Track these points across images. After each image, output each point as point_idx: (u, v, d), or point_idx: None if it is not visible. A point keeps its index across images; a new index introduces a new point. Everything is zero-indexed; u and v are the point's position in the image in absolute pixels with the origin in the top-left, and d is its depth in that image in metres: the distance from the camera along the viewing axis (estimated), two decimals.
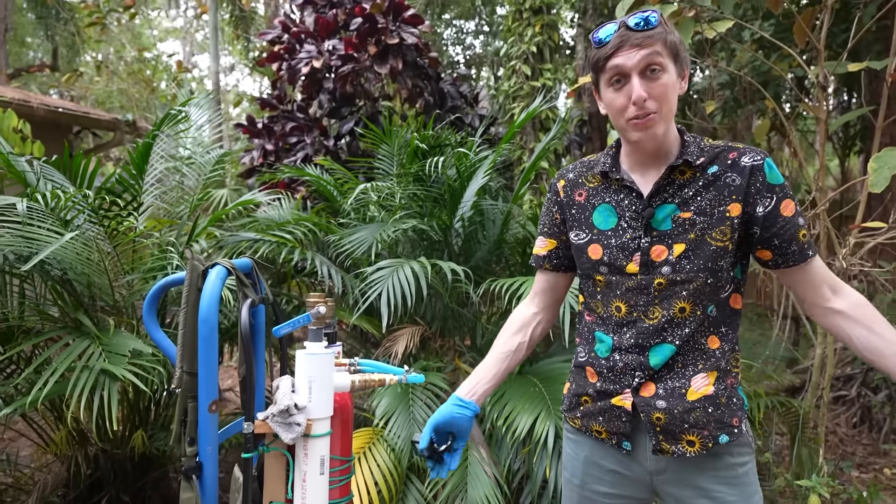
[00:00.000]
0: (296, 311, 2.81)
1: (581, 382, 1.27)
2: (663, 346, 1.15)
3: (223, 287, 1.31)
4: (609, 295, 1.20)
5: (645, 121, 1.09)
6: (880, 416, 3.65)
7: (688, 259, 1.12)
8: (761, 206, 1.11)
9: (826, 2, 3.02)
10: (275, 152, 5.08)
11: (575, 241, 1.25)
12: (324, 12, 5.23)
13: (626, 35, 1.08)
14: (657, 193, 1.15)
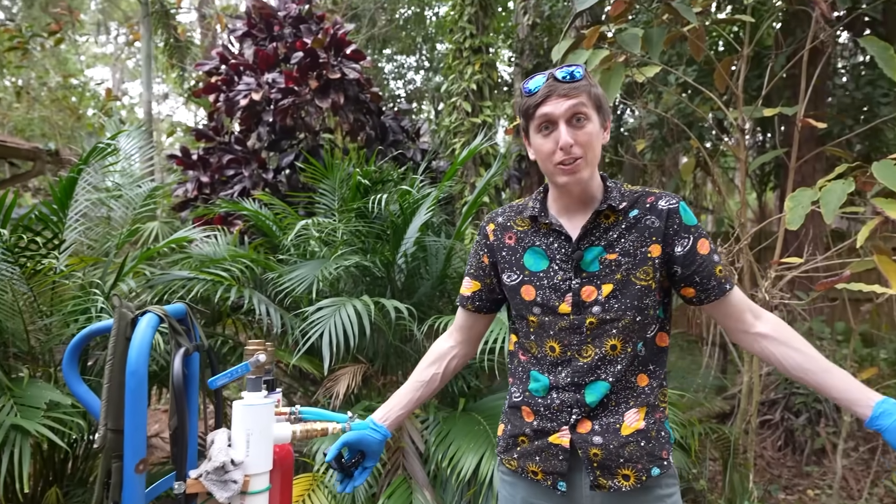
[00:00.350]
0: (231, 352, 2.69)
1: (517, 423, 1.28)
2: (598, 384, 1.19)
3: (154, 335, 1.24)
4: (542, 335, 1.23)
5: (572, 166, 1.15)
6: (802, 438, 3.85)
7: (616, 298, 1.17)
8: (679, 247, 1.18)
9: (742, 52, 3.27)
10: (210, 185, 4.93)
11: (508, 283, 1.27)
12: (264, 45, 5.18)
13: (554, 86, 1.14)
14: (585, 237, 1.20)
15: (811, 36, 3.12)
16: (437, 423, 2.40)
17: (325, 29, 4.67)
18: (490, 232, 1.32)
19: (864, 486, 3.23)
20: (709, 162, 3.89)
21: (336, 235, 2.85)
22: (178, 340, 1.30)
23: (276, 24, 5.31)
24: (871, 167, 2.31)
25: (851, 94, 4.72)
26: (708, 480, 3.18)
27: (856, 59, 5.44)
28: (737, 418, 3.48)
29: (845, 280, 2.27)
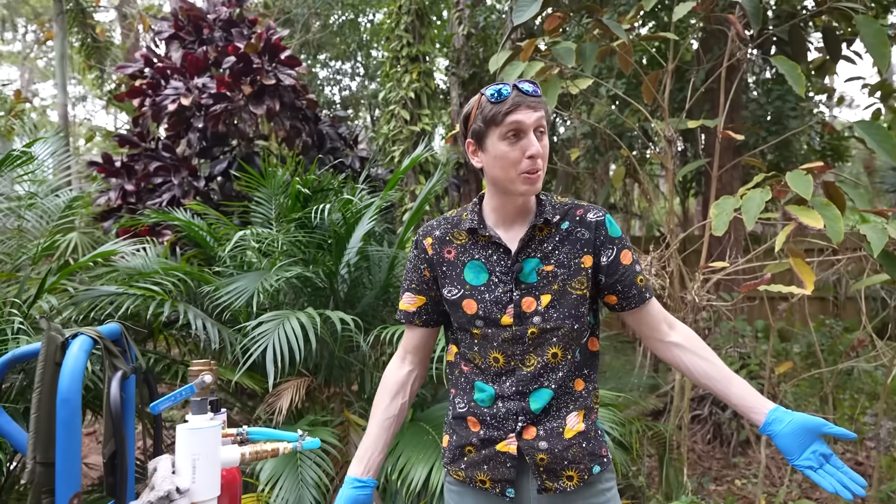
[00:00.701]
0: (165, 370, 2.55)
1: (463, 433, 1.29)
2: (541, 391, 1.22)
3: (87, 360, 1.16)
4: (486, 347, 1.24)
5: (535, 176, 1.18)
6: (729, 431, 4.08)
7: (554, 308, 1.21)
8: (605, 257, 1.25)
9: (667, 67, 3.45)
10: (136, 193, 4.67)
11: (448, 297, 1.27)
12: (192, 49, 4.99)
13: (522, 97, 1.16)
14: (523, 249, 1.24)
15: (728, 53, 3.34)
16: None
17: (259, 34, 4.55)
18: (428, 246, 1.31)
19: (785, 474, 3.46)
20: (639, 170, 4.07)
21: (275, 246, 2.77)
22: (115, 363, 1.23)
23: (206, 28, 5.12)
24: (786, 177, 2.50)
25: (763, 107, 5.09)
26: (646, 476, 3.31)
27: (764, 76, 5.86)
28: (670, 415, 3.65)
29: (766, 282, 2.43)
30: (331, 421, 2.52)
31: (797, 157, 5.33)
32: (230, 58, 4.47)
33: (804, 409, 4.26)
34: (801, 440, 1.09)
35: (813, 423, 1.10)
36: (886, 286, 4.96)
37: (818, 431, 1.10)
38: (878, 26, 2.61)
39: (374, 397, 1.33)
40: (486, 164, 1.22)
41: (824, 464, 1.09)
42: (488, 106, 1.18)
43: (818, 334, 5.13)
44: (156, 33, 5.21)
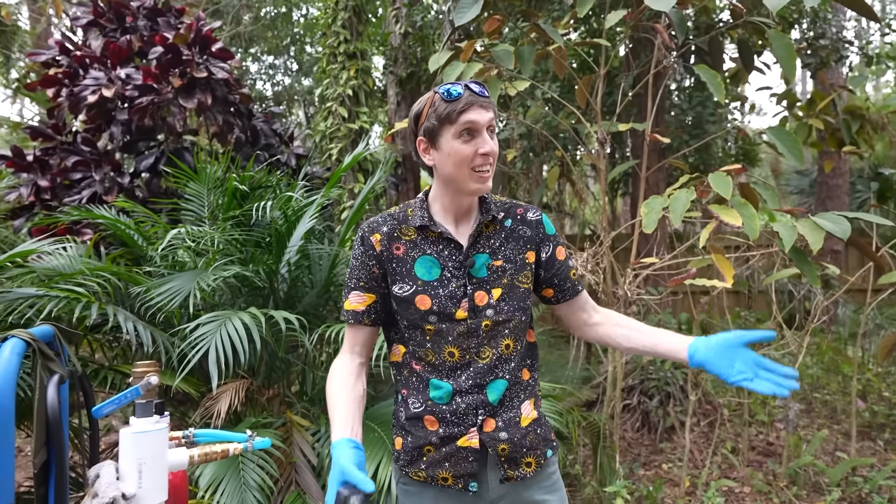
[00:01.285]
0: (93, 376, 2.41)
1: (420, 433, 1.27)
2: (497, 382, 1.26)
3: (20, 364, 1.09)
4: (440, 342, 1.24)
5: (486, 174, 1.23)
6: (656, 418, 4.31)
7: (505, 301, 1.27)
8: (543, 253, 1.34)
9: (599, 72, 3.61)
10: (51, 189, 4.37)
11: (399, 294, 1.25)
12: (114, 37, 4.72)
13: (475, 97, 1.20)
14: (473, 245, 1.28)
15: (655, 61, 3.53)
16: (330, 433, 2.35)
17: (190, 25, 4.36)
18: (376, 242, 1.28)
19: (707, 456, 3.70)
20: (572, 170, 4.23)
21: (211, 245, 2.68)
22: (50, 367, 1.17)
23: (129, 16, 4.85)
24: (708, 178, 2.68)
25: (685, 112, 5.40)
26: (581, 464, 3.44)
27: (685, 83, 6.22)
28: (603, 405, 3.81)
29: (692, 277, 2.59)
30: (272, 423, 2.47)
31: (715, 160, 5.69)
32: (157, 48, 4.27)
33: (722, 396, 4.57)
34: (726, 358, 1.14)
35: (730, 338, 1.16)
36: (793, 280, 5.39)
37: (739, 344, 1.15)
38: (788, 40, 2.84)
39: (331, 385, 1.24)
40: (439, 162, 1.24)
41: (758, 371, 1.12)
42: (442, 104, 1.20)
43: (735, 325, 5.51)
44: (72, 19, 4.88)
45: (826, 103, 4.41)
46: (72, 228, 3.98)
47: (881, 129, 4.84)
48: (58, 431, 1.11)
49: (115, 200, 3.98)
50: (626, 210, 10.52)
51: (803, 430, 4.15)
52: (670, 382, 4.28)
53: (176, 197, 4.01)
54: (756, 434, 4.20)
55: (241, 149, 4.86)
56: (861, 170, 8.77)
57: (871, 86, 18.59)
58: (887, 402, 4.52)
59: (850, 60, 5.76)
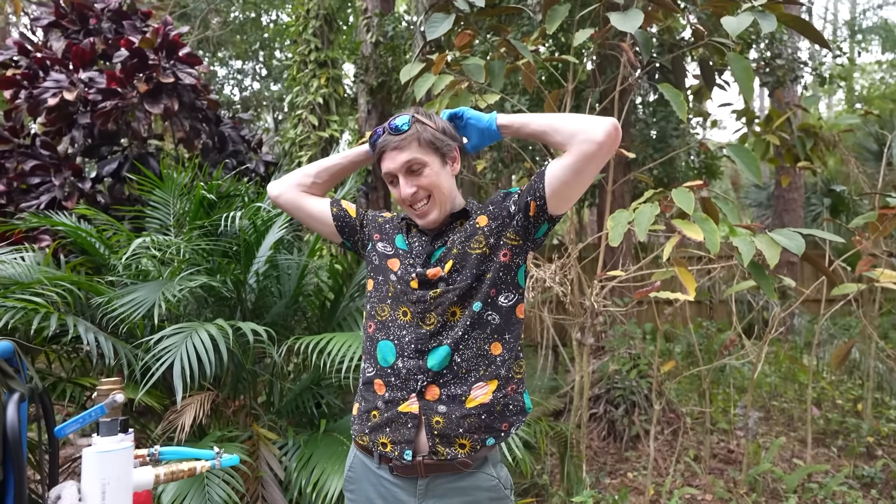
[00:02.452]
0: (51, 389, 2.33)
1: (370, 397, 1.32)
2: (439, 349, 1.27)
3: None
4: (397, 301, 1.32)
5: (423, 209, 1.31)
6: (621, 427, 4.39)
7: (457, 272, 1.30)
8: (513, 204, 1.32)
9: (567, 87, 3.68)
10: (7, 194, 4.22)
11: (381, 250, 1.40)
12: (76, 39, 4.60)
13: (388, 140, 1.30)
14: (439, 236, 1.36)
15: (621, 78, 3.62)
16: (298, 447, 2.32)
17: (157, 29, 4.28)
18: (384, 214, 1.50)
19: (671, 464, 3.78)
20: None
21: (177, 254, 2.62)
22: (10, 385, 1.13)
23: (93, 17, 4.74)
24: (672, 193, 2.76)
25: (650, 127, 5.55)
26: (549, 474, 3.48)
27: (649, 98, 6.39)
28: (570, 414, 3.86)
29: (657, 289, 2.66)
30: (238, 436, 2.43)
31: (679, 173, 5.85)
32: (122, 52, 4.17)
33: (685, 404, 4.68)
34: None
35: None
36: (752, 291, 5.57)
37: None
38: (746, 62, 2.95)
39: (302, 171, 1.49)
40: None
41: None
42: (373, 147, 1.36)
43: (697, 335, 5.65)
44: (33, 20, 4.74)
45: (782, 121, 4.59)
46: (29, 235, 3.84)
47: (833, 147, 5.06)
48: (17, 450, 1.08)
49: (75, 207, 3.87)
50: (592, 220, 10.70)
51: (762, 437, 4.28)
52: (635, 392, 4.37)
53: (140, 204, 3.91)
54: (717, 442, 4.32)
55: (208, 155, 4.78)
56: (815, 185, 9.14)
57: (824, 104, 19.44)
58: (840, 409, 4.70)
59: (805, 80, 6.02)
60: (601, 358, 4.67)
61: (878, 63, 17.24)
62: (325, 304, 3.03)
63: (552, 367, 5.33)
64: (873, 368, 4.40)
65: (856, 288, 3.09)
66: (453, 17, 3.11)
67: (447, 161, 1.34)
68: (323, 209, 1.46)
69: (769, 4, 2.69)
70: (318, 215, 1.46)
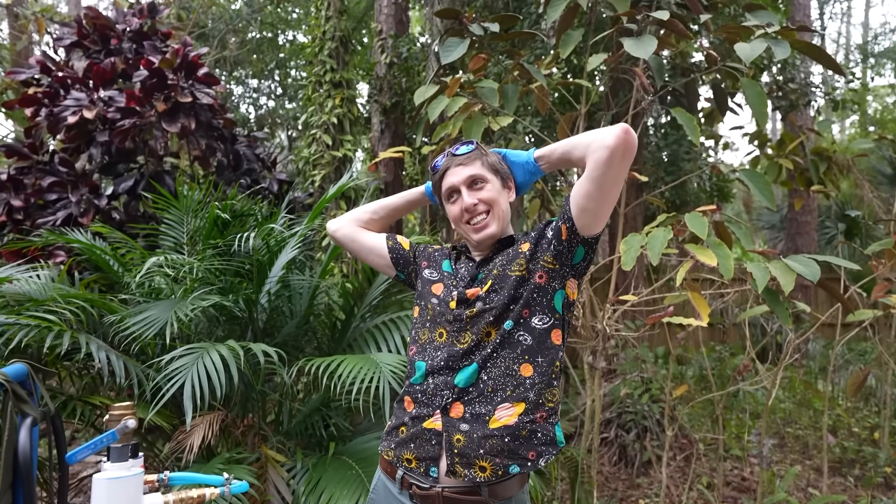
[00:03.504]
0: (61, 408, 2.34)
1: (400, 413, 1.35)
2: (469, 368, 1.27)
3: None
4: (435, 323, 1.35)
5: (482, 223, 1.34)
6: (633, 452, 4.32)
7: (495, 292, 1.31)
8: (550, 230, 1.35)
9: (581, 110, 3.70)
10: (25, 209, 4.29)
11: (427, 276, 1.45)
12: (98, 59, 4.70)
13: (452, 160, 1.37)
14: (484, 263, 1.40)
15: (633, 101, 3.63)
16: (306, 470, 2.31)
17: (177, 49, 4.37)
18: (419, 251, 1.56)
19: (683, 492, 3.71)
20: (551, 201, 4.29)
21: (191, 273, 2.64)
22: (23, 409, 1.14)
23: (114, 38, 4.85)
24: (685, 217, 2.75)
25: (661, 150, 5.54)
26: (559, 500, 3.42)
27: (661, 121, 6.40)
28: (580, 438, 3.81)
29: (670, 314, 2.64)
30: (246, 458, 2.41)
31: (691, 196, 5.83)
32: (142, 71, 4.26)
33: (698, 430, 4.61)
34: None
35: None
36: (766, 315, 5.50)
37: None
38: (759, 88, 2.95)
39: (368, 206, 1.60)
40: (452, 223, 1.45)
41: None
42: (432, 176, 1.41)
43: (709, 359, 5.58)
44: (55, 39, 4.85)
45: (795, 145, 4.58)
46: (45, 251, 3.89)
47: (847, 171, 5.03)
48: (27, 475, 1.08)
49: (91, 223, 3.92)
50: (604, 241, 10.67)
51: (777, 465, 4.20)
52: (647, 416, 4.31)
53: (154, 221, 3.95)
54: (731, 469, 4.23)
55: (223, 173, 4.84)
56: (829, 208, 9.07)
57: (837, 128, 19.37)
58: (857, 437, 4.60)
59: (818, 104, 6.00)
60: (612, 382, 4.62)
61: (892, 87, 17.18)
62: (336, 324, 3.03)
63: (562, 391, 5.28)
64: (890, 396, 4.31)
65: (871, 314, 3.05)
66: (468, 41, 3.14)
67: (505, 187, 1.40)
68: (379, 242, 1.54)
69: (783, 31, 2.70)
70: (375, 248, 1.54)
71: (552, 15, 3.13)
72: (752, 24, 2.75)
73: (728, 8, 4.89)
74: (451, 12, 2.98)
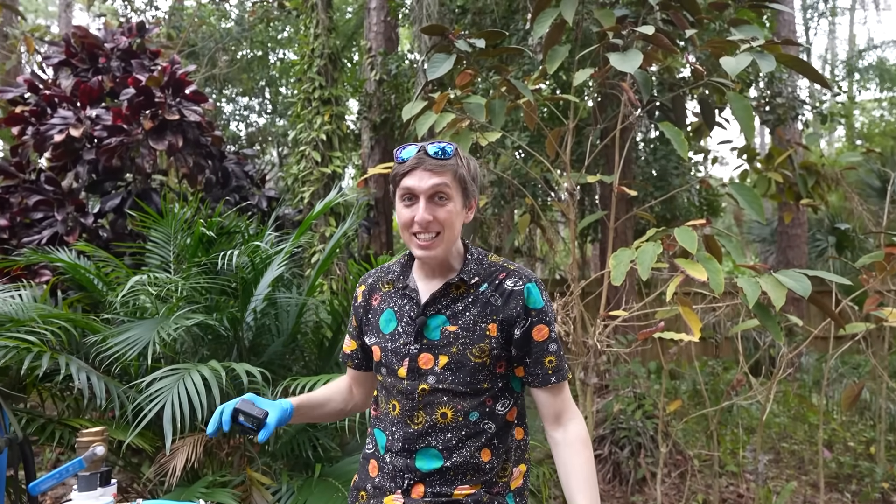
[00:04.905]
0: (39, 431, 2.27)
1: (363, 475, 1.30)
2: (428, 451, 1.20)
3: None
4: (388, 394, 1.27)
5: (429, 242, 1.18)
6: (627, 469, 4.26)
7: (451, 371, 1.19)
8: (518, 329, 1.20)
9: (568, 125, 3.70)
10: (10, 228, 4.23)
11: (367, 343, 1.33)
12: (85, 77, 4.68)
13: (423, 159, 1.18)
14: (432, 303, 1.23)
15: (621, 116, 3.65)
16: (292, 493, 2.25)
17: (164, 67, 4.36)
18: (360, 293, 1.37)
19: None
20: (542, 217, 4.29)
21: (175, 291, 2.60)
22: None
23: (102, 56, 4.84)
24: (674, 232, 2.74)
25: (650, 165, 5.57)
26: None
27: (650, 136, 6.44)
28: None
29: (661, 330, 2.61)
30: (231, 481, 2.35)
31: (680, 210, 5.85)
32: (129, 89, 4.24)
33: (692, 446, 4.56)
34: None
35: None
36: (758, 329, 5.49)
37: None
38: (746, 102, 2.97)
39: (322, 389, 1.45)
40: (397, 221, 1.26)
41: None
42: (395, 166, 1.22)
43: (702, 374, 5.55)
44: (44, 58, 4.84)
45: (783, 158, 4.61)
46: (30, 269, 3.84)
47: (836, 184, 5.06)
48: None
49: (76, 241, 3.87)
50: (595, 255, 10.68)
51: (772, 480, 4.15)
52: (641, 433, 4.26)
53: (141, 239, 3.91)
54: (727, 485, 4.18)
55: (211, 190, 4.81)
56: (820, 221, 9.13)
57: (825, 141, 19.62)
58: (853, 452, 4.57)
59: (805, 118, 6.07)
60: (605, 397, 4.58)
61: (878, 101, 17.45)
62: (324, 342, 2.99)
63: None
64: (885, 409, 4.29)
65: (864, 327, 3.03)
66: (454, 57, 3.15)
67: (466, 207, 1.25)
68: (357, 376, 1.42)
69: (768, 45, 2.72)
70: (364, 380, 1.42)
71: (539, 31, 3.14)
72: (738, 38, 2.76)
73: (714, 23, 4.95)
74: (437, 28, 2.99)
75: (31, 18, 17.81)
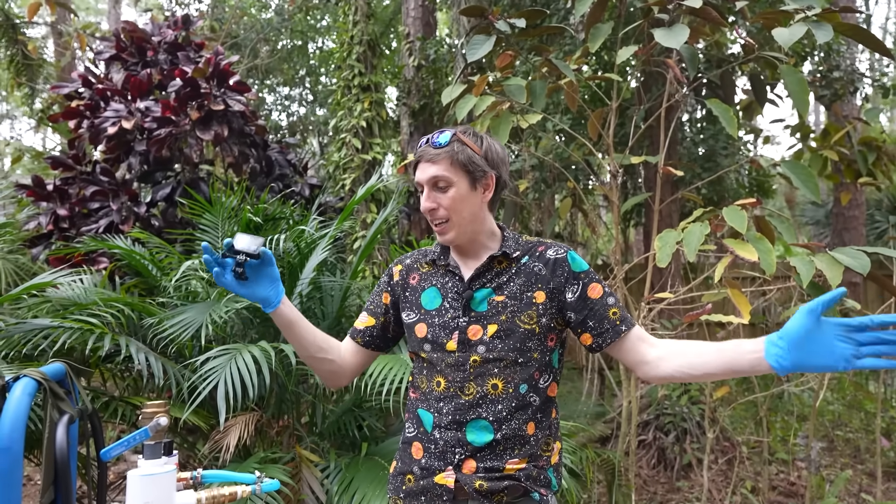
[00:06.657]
0: (103, 408, 2.40)
1: (406, 459, 1.29)
2: (479, 422, 1.21)
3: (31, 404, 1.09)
4: (432, 371, 1.27)
5: (441, 227, 1.26)
6: (672, 455, 4.20)
7: (500, 339, 1.22)
8: (570, 293, 1.24)
9: (612, 105, 3.62)
10: (69, 218, 4.45)
11: (406, 321, 1.33)
12: (135, 71, 4.85)
13: (425, 151, 1.26)
14: (477, 278, 1.27)
15: (667, 95, 3.54)
16: (340, 470, 2.31)
17: (208, 59, 4.47)
18: (396, 272, 1.39)
19: (726, 496, 3.58)
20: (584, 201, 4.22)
21: None
22: (61, 407, 1.16)
23: (150, 50, 5.00)
24: (722, 212, 2.66)
25: (697, 145, 5.40)
26: (595, 503, 3.35)
27: (696, 115, 6.23)
28: (617, 441, 3.73)
29: (707, 312, 2.55)
30: (281, 458, 2.44)
31: (728, 192, 5.66)
32: (176, 81, 4.37)
33: (740, 433, 4.45)
34: (818, 347, 0.95)
35: (804, 323, 0.96)
36: None
37: (816, 322, 0.96)
38: (800, 75, 2.84)
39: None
40: None
41: (860, 342, 0.93)
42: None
43: None
44: (96, 53, 5.03)
45: (841, 135, 4.39)
46: (88, 257, 4.03)
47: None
48: (65, 473, 1.10)
49: (131, 230, 4.04)
50: (639, 240, 10.47)
51: (826, 469, 4.02)
52: (686, 418, 4.19)
53: (191, 227, 4.05)
54: (777, 473, 4.08)
55: (255, 179, 4.93)
56: (879, 201, 8.69)
57: (886, 117, 18.57)
58: None
59: (865, 92, 5.75)
60: (649, 383, 4.51)
61: None
62: None
63: (598, 392, 5.18)
64: None
65: None
66: (494, 38, 3.11)
67: (478, 186, 1.26)
68: (356, 351, 1.39)
69: (824, 14, 2.58)
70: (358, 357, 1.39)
71: (580, 9, 3.07)
72: (792, 7, 2.63)
73: None
74: (476, 10, 2.96)
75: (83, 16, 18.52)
